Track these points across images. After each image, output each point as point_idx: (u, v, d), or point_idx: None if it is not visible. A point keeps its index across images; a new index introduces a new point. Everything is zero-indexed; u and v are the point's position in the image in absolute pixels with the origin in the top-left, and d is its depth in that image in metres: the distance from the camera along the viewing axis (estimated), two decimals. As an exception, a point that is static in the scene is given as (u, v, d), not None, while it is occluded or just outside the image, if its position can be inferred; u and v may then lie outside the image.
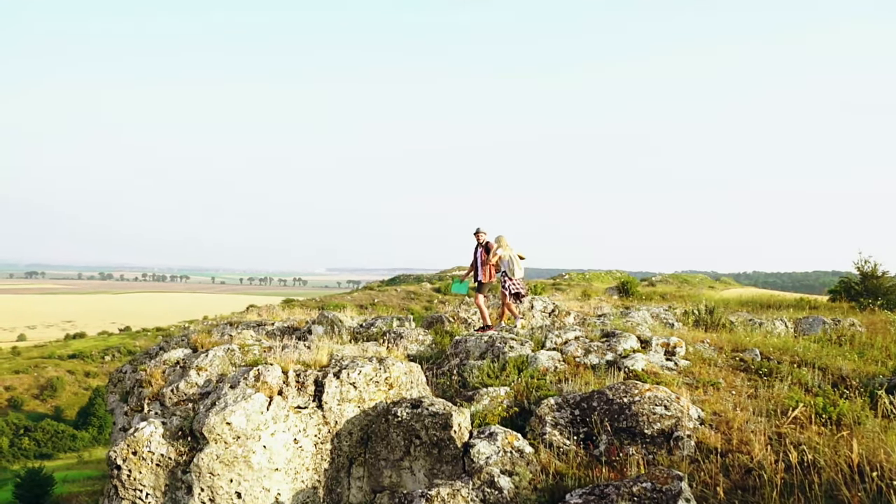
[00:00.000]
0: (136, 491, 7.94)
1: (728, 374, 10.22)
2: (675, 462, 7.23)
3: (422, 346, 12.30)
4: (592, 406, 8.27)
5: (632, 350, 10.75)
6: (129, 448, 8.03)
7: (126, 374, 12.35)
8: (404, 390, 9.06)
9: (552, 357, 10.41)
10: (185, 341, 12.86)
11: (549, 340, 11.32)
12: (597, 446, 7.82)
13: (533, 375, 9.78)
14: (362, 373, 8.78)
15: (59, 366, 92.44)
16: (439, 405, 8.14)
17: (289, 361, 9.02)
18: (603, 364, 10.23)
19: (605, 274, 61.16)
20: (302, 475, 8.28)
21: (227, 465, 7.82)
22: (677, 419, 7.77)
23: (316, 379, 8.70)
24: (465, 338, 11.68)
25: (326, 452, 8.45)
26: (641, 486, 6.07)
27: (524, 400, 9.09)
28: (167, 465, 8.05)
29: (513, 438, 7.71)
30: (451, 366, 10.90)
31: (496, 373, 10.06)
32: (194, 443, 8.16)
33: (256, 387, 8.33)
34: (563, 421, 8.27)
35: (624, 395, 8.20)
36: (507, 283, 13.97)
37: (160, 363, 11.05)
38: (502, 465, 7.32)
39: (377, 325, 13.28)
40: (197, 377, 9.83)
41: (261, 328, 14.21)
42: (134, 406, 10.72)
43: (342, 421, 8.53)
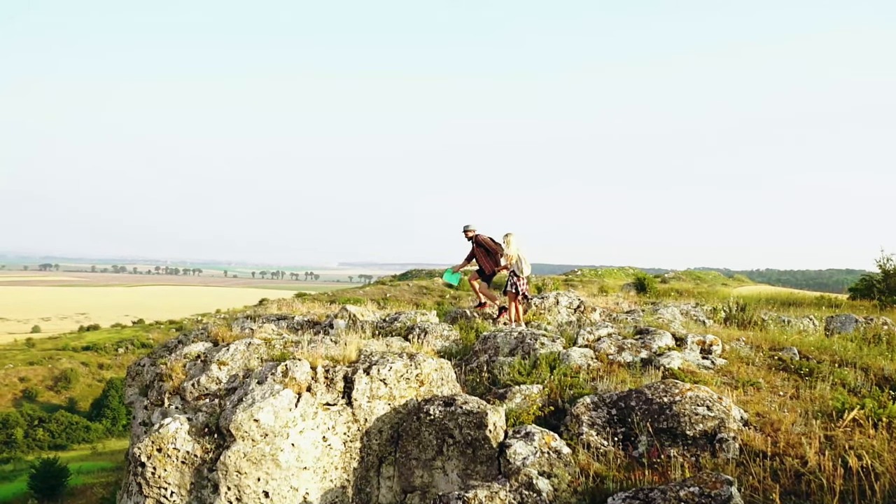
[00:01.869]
0: (160, 489, 7.70)
1: (767, 373, 9.90)
2: (720, 465, 6.93)
3: (447, 341, 12.01)
4: (630, 405, 7.98)
5: (667, 348, 10.43)
6: (154, 445, 7.79)
7: (145, 368, 12.14)
8: (435, 387, 8.79)
9: (585, 354, 10.12)
10: (205, 335, 12.62)
11: (581, 337, 11.02)
12: (636, 447, 7.53)
13: (566, 373, 9.49)
14: (393, 369, 8.51)
15: (74, 357, 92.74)
16: (473, 403, 7.86)
17: (317, 357, 8.76)
18: (638, 362, 9.93)
19: (617, 270, 60.79)
20: (331, 474, 8.03)
21: (254, 463, 7.57)
22: (720, 420, 7.47)
23: (345, 375, 8.44)
24: (493, 333, 11.38)
25: (356, 451, 8.19)
26: (689, 491, 5.77)
27: (558, 398, 8.80)
28: (193, 462, 7.80)
29: (550, 439, 7.43)
30: (479, 362, 10.61)
31: (527, 370, 9.77)
32: (221, 440, 7.91)
33: (284, 383, 8.07)
34: (600, 421, 7.98)
35: (664, 394, 7.90)
36: (517, 282, 13.86)
37: (180, 357, 10.80)
38: (540, 466, 7.04)
39: (400, 320, 13.00)
40: (218, 371, 9.58)
41: (281, 322, 13.96)
42: (154, 400, 10.49)
43: (372, 419, 8.27)
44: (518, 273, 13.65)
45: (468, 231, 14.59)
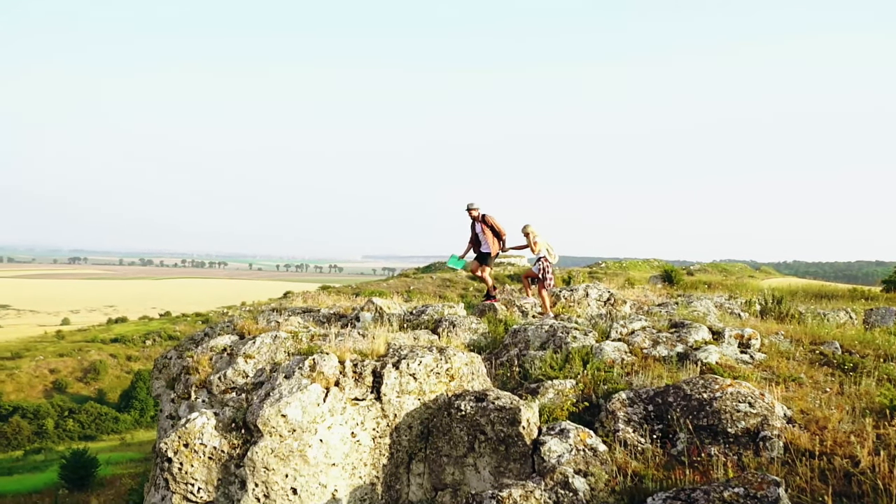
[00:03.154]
0: (187, 485, 7.54)
1: (809, 368, 9.56)
2: (764, 465, 6.63)
3: (475, 334, 11.78)
4: (668, 402, 7.71)
5: (703, 342, 10.12)
6: (181, 440, 7.64)
7: (172, 361, 12.05)
8: (465, 382, 8.56)
9: (618, 348, 9.84)
10: (231, 327, 12.51)
11: (614, 330, 10.73)
12: (675, 445, 7.25)
13: (599, 368, 9.22)
14: (423, 363, 8.29)
15: (102, 349, 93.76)
16: (506, 399, 7.63)
17: (345, 350, 8.57)
18: (673, 356, 9.63)
19: (642, 262, 60.26)
20: (359, 471, 7.83)
21: (282, 459, 7.40)
22: (763, 417, 7.17)
23: (374, 369, 8.23)
24: (523, 326, 11.13)
25: (385, 447, 7.99)
26: (733, 492, 5.50)
27: (592, 394, 8.54)
28: (220, 458, 7.64)
29: (585, 436, 7.18)
30: (510, 356, 10.36)
31: (559, 364, 9.52)
32: (248, 435, 7.74)
33: (312, 377, 7.88)
34: (637, 417, 7.72)
35: (703, 390, 7.61)
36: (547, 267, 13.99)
37: (207, 350, 10.69)
38: (575, 464, 6.80)
39: (428, 313, 12.78)
40: (245, 365, 9.44)
41: (307, 315, 13.81)
42: (181, 393, 10.38)
43: (401, 414, 8.06)
44: (550, 259, 13.87)
45: (472, 209, 14.32)
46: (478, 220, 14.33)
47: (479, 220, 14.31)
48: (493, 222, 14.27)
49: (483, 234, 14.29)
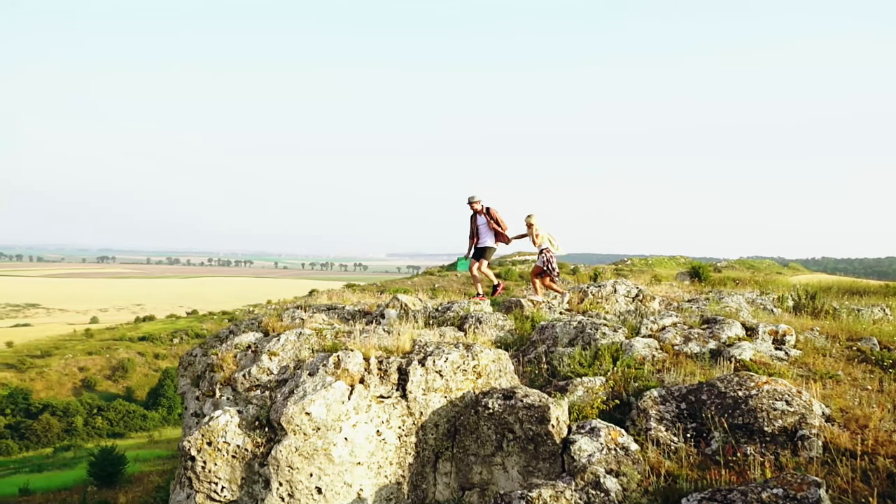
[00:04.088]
0: (210, 484, 7.44)
1: (846, 365, 9.27)
2: (803, 464, 6.41)
3: (501, 331, 11.60)
4: (702, 399, 7.49)
5: (737, 338, 9.86)
6: (204, 438, 7.54)
7: (197, 358, 12.00)
8: (493, 379, 8.39)
9: (649, 345, 9.61)
10: (256, 325, 12.44)
11: (644, 327, 10.51)
12: (709, 444, 7.03)
13: (629, 365, 9.01)
14: (449, 360, 8.12)
15: (130, 348, 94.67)
16: (534, 396, 7.45)
17: (370, 347, 8.42)
18: (706, 353, 9.39)
19: (668, 259, 59.71)
20: (385, 470, 7.69)
21: (306, 458, 7.27)
22: (801, 416, 6.93)
23: (399, 366, 8.08)
24: (551, 323, 10.94)
25: (411, 446, 7.84)
26: (772, 493, 5.29)
27: (622, 391, 8.34)
28: (243, 456, 7.54)
29: (616, 434, 6.98)
30: (537, 353, 10.17)
31: (588, 361, 9.31)
32: (272, 433, 7.62)
33: (336, 374, 7.75)
34: (669, 415, 7.51)
35: (738, 387, 7.38)
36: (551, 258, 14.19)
37: (231, 347, 10.61)
38: (607, 464, 6.60)
39: (453, 310, 12.62)
40: (269, 362, 9.33)
41: (332, 312, 13.71)
42: (205, 391, 10.31)
43: (427, 412, 7.90)
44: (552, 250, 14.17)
45: (475, 202, 14.09)
46: (481, 213, 14.15)
47: (482, 212, 14.14)
48: (496, 216, 14.11)
49: (485, 228, 14.14)
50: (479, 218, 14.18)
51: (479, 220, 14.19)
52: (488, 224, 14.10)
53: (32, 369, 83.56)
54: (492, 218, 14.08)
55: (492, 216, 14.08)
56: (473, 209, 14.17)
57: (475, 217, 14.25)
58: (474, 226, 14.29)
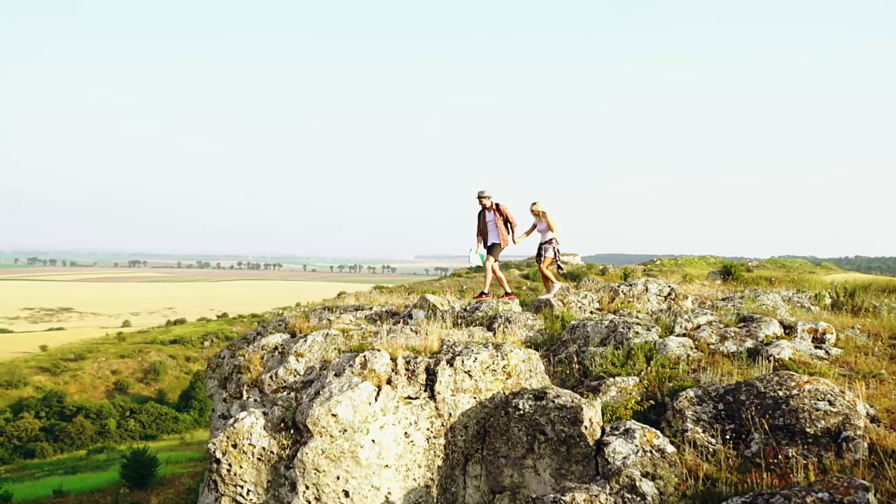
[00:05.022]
0: (236, 487, 7.33)
1: (889, 364, 8.94)
2: (847, 467, 6.14)
3: (531, 331, 11.39)
4: (740, 400, 7.23)
5: (775, 336, 9.57)
6: (229, 440, 7.43)
7: (224, 360, 11.93)
8: (523, 380, 8.18)
9: (683, 344, 9.35)
10: (283, 326, 12.36)
11: (678, 325, 10.24)
12: (748, 446, 6.78)
13: (664, 364, 8.76)
14: (478, 360, 7.92)
15: (162, 350, 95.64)
16: (566, 397, 7.23)
17: (397, 347, 8.25)
18: (743, 352, 9.12)
19: (698, 259, 58.95)
20: (413, 472, 7.51)
21: (333, 460, 7.12)
22: (845, 416, 6.66)
23: (427, 367, 7.90)
24: (582, 322, 10.70)
25: (440, 448, 7.65)
26: (817, 497, 5.04)
27: (657, 391, 8.10)
28: (269, 459, 7.41)
29: (652, 436, 6.75)
30: (568, 353, 9.95)
31: (621, 361, 9.08)
32: (297, 435, 7.49)
33: (363, 375, 7.59)
34: (706, 416, 7.26)
35: (778, 387, 7.12)
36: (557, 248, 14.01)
37: (258, 348, 10.52)
38: (642, 466, 6.37)
39: (482, 309, 12.43)
40: (296, 363, 9.21)
41: (359, 312, 13.59)
42: (233, 392, 10.23)
43: (456, 413, 7.71)
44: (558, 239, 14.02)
45: (485, 197, 13.72)
46: (490, 210, 13.78)
47: (492, 209, 13.76)
48: (507, 212, 13.75)
49: (494, 225, 13.76)
50: (487, 214, 13.83)
51: (487, 216, 13.84)
52: (496, 221, 13.76)
53: (66, 372, 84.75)
54: (501, 215, 13.74)
55: (501, 213, 13.74)
56: (482, 205, 13.83)
57: (484, 213, 13.91)
58: (483, 222, 13.92)
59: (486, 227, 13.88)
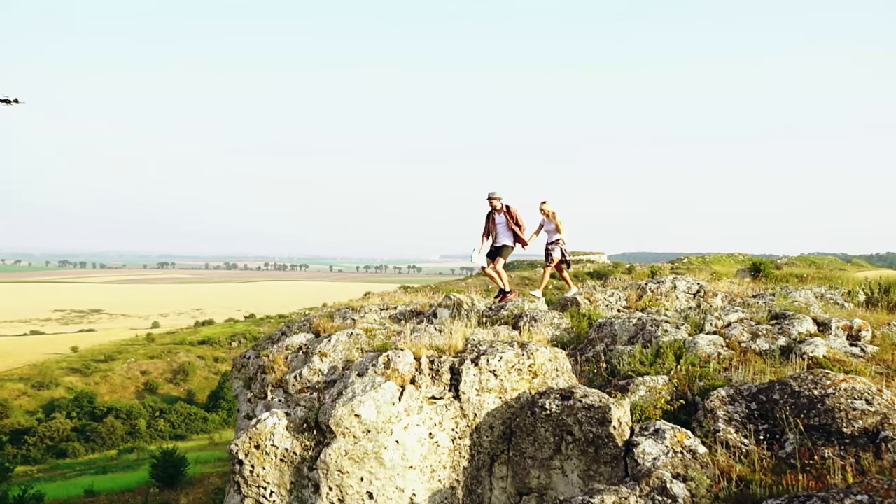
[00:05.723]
0: (259, 488, 7.26)
1: (927, 362, 8.68)
2: (887, 468, 5.92)
3: (557, 329, 11.23)
4: (773, 399, 7.03)
5: (808, 334, 9.32)
6: (252, 441, 7.36)
7: (249, 360, 11.92)
8: (549, 379, 8.02)
9: (714, 342, 9.14)
10: (307, 326, 12.32)
11: (708, 323, 10.02)
12: (783, 447, 6.57)
13: (694, 363, 8.56)
14: (503, 359, 7.78)
15: (190, 351, 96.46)
16: (594, 396, 7.07)
17: (420, 346, 8.14)
18: (776, 350, 8.89)
19: (726, 257, 58.34)
20: (438, 474, 7.39)
21: (356, 461, 7.03)
22: (883, 416, 6.43)
23: (451, 366, 7.77)
24: (609, 320, 10.52)
25: (465, 449, 7.53)
26: (856, 500, 4.86)
27: (687, 391, 7.90)
28: (292, 460, 7.33)
29: (682, 437, 6.57)
30: (595, 351, 9.78)
31: (650, 359, 8.89)
32: (320, 436, 7.40)
33: (386, 375, 7.49)
34: (739, 416, 7.07)
35: (813, 386, 6.90)
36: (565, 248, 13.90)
37: (282, 348, 10.47)
38: (673, 468, 6.20)
39: (507, 308, 12.29)
40: (320, 363, 9.13)
41: (384, 312, 13.52)
42: (257, 393, 10.19)
43: (482, 413, 7.58)
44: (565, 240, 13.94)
45: (496, 198, 13.48)
46: (500, 211, 13.56)
47: (502, 210, 13.54)
48: (517, 215, 13.54)
49: (504, 227, 13.55)
50: (497, 216, 13.62)
51: (497, 218, 13.63)
52: (507, 224, 13.54)
53: (97, 373, 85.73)
54: (511, 217, 13.51)
55: (512, 216, 13.51)
56: (493, 206, 13.59)
57: (493, 215, 13.69)
58: (491, 224, 13.71)
59: (494, 229, 13.69)
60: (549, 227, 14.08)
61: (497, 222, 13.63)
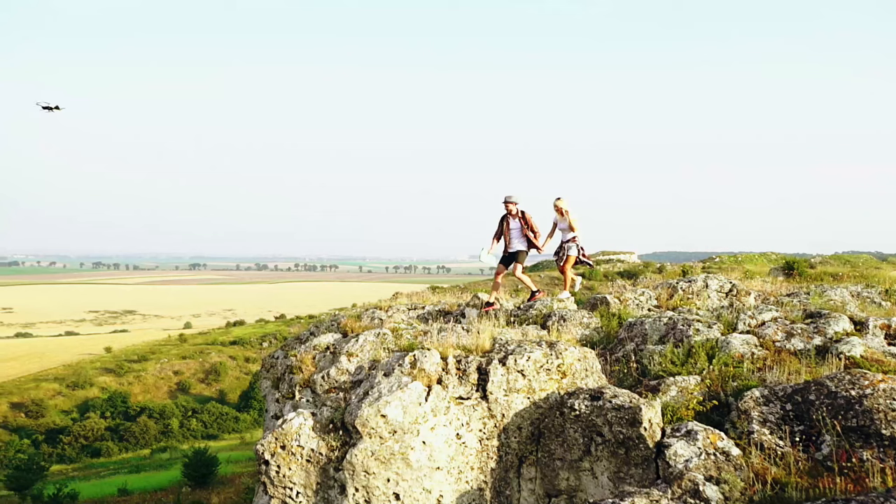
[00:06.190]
0: (285, 489, 7.23)
1: (971, 362, 8.42)
2: (928, 472, 5.74)
3: (587, 329, 11.10)
4: (809, 400, 6.85)
5: (845, 333, 9.10)
6: (277, 442, 7.33)
7: (278, 360, 11.91)
8: (578, 379, 7.90)
9: (747, 341, 8.96)
10: (335, 326, 12.29)
11: (742, 322, 9.83)
12: (819, 449, 6.40)
13: (726, 363, 8.39)
14: (531, 359, 7.67)
15: (222, 352, 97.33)
16: (624, 397, 6.94)
17: (447, 346, 8.06)
18: (811, 350, 8.68)
19: (758, 256, 57.58)
20: (466, 475, 7.31)
21: (383, 462, 6.97)
22: (925, 417, 6.24)
23: (479, 366, 7.69)
24: (640, 320, 10.37)
25: (493, 449, 7.43)
26: (897, 504, 4.68)
27: (719, 391, 7.74)
28: (318, 461, 7.29)
29: (716, 438, 6.42)
30: (626, 351, 9.64)
31: (681, 359, 8.73)
32: (346, 437, 7.35)
33: (413, 374, 7.42)
34: (773, 417, 6.90)
35: (850, 386, 6.72)
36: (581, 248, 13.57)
37: (310, 348, 10.44)
38: (706, 470, 6.06)
39: (536, 308, 12.18)
40: (348, 363, 9.09)
41: (412, 312, 13.46)
42: (285, 393, 10.17)
43: (509, 414, 7.48)
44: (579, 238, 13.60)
45: (512, 202, 13.12)
46: (515, 216, 13.19)
47: (516, 216, 13.18)
48: (531, 222, 13.20)
49: (518, 233, 13.20)
50: (512, 221, 13.26)
51: (512, 223, 13.26)
52: (522, 230, 13.19)
53: (130, 373, 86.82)
54: (526, 223, 13.17)
55: (526, 221, 13.16)
56: (508, 210, 13.24)
57: (507, 219, 13.32)
58: (505, 228, 13.32)
59: (508, 234, 13.32)
60: (562, 226, 13.76)
61: (511, 227, 13.31)
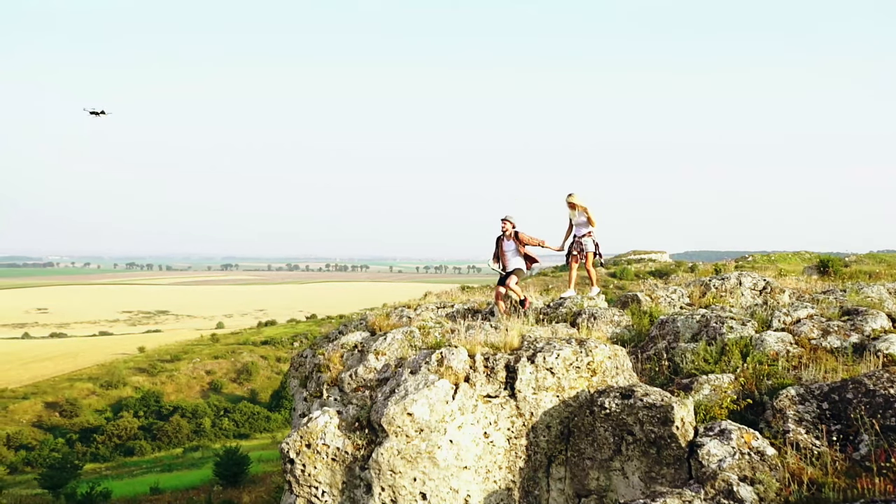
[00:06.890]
0: (310, 488, 7.18)
1: None
2: (971, 473, 5.55)
3: (618, 327, 10.95)
4: (846, 398, 6.68)
5: (882, 330, 8.87)
6: (303, 440, 7.29)
7: (306, 359, 11.89)
8: (609, 377, 7.77)
9: (782, 339, 8.76)
10: (363, 324, 12.24)
11: (776, 319, 9.62)
12: (857, 448, 6.23)
13: (761, 361, 8.20)
14: (560, 357, 7.55)
15: (254, 351, 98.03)
16: (655, 395, 6.80)
17: (475, 344, 7.96)
18: (848, 347, 8.47)
19: (792, 255, 56.73)
20: (494, 474, 7.21)
21: (409, 461, 6.89)
22: (968, 417, 6.04)
23: (507, 364, 7.58)
24: (672, 317, 10.20)
25: (521, 449, 7.33)
26: (939, 506, 4.52)
27: (754, 390, 7.57)
28: (343, 459, 7.23)
29: (750, 437, 6.27)
30: (657, 349, 9.48)
31: (714, 357, 8.56)
32: (372, 435, 7.29)
33: (440, 372, 7.34)
34: (809, 416, 6.73)
35: (889, 384, 6.55)
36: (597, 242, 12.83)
37: (338, 347, 10.40)
38: (740, 470, 5.91)
39: (566, 305, 12.04)
40: (375, 361, 9.02)
41: (440, 310, 13.37)
42: (313, 391, 10.14)
43: (538, 412, 7.37)
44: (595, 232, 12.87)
45: (507, 222, 12.47)
46: (509, 237, 12.52)
47: (510, 236, 12.50)
48: (525, 239, 12.44)
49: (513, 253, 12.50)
50: (506, 242, 12.63)
51: (506, 244, 12.63)
52: (517, 250, 12.50)
53: (163, 373, 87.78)
54: (520, 243, 12.45)
55: (520, 241, 12.44)
56: (503, 230, 12.62)
57: (502, 240, 12.70)
58: (501, 250, 12.70)
59: (504, 255, 12.65)
60: (578, 221, 13.08)
61: (506, 249, 12.68)
